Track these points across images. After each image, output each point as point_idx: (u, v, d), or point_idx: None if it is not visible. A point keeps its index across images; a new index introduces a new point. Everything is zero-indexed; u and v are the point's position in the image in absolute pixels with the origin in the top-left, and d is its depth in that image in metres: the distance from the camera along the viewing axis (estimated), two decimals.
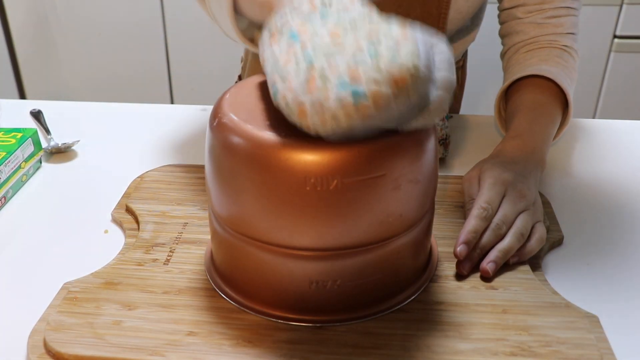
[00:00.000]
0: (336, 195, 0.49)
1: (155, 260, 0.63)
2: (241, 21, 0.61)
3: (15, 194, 0.78)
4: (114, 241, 0.68)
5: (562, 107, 0.80)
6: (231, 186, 0.53)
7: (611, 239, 0.68)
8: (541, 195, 0.74)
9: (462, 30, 0.92)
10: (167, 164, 0.81)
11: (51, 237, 0.70)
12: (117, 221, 0.71)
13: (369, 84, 0.44)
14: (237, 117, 0.52)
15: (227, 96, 0.56)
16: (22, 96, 2.17)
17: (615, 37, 1.84)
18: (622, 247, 0.67)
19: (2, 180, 0.74)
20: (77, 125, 0.94)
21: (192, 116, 0.98)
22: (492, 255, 0.60)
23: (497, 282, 0.60)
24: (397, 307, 0.56)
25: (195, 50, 2.06)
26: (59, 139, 0.89)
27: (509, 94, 0.83)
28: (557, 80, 0.79)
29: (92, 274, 0.61)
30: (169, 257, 0.63)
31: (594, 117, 1.97)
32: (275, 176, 0.49)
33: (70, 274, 0.62)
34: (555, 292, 0.59)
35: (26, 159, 0.80)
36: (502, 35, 0.88)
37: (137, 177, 0.78)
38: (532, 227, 0.63)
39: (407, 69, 0.44)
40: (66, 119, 0.96)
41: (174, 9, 2.01)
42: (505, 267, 0.61)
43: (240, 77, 1.16)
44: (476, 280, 0.60)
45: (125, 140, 0.90)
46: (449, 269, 0.61)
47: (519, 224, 0.62)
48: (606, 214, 0.73)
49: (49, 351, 0.53)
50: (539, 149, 0.74)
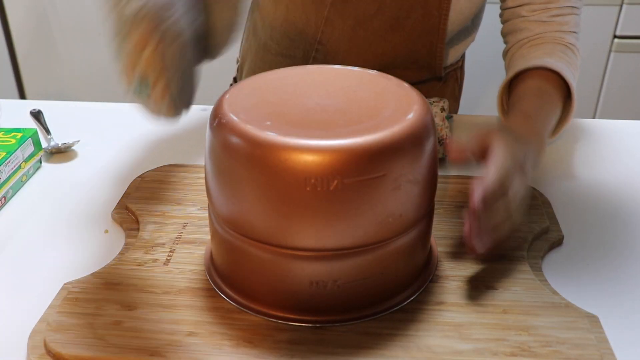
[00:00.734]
0: (336, 195, 0.49)
1: (155, 260, 0.63)
2: None
3: (15, 194, 0.78)
4: (114, 241, 0.68)
5: (563, 101, 0.80)
6: (231, 186, 0.53)
7: (611, 239, 0.68)
8: (541, 195, 0.74)
9: (463, 31, 0.92)
10: (167, 164, 0.81)
11: (51, 238, 0.70)
12: (117, 221, 0.71)
13: None
14: (237, 118, 0.52)
15: (227, 96, 0.56)
16: (22, 96, 2.17)
17: (615, 37, 1.84)
18: (622, 247, 0.67)
19: (2, 180, 0.74)
20: (77, 125, 0.94)
21: (192, 116, 0.98)
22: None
23: (497, 282, 0.60)
24: (397, 307, 0.56)
25: None
26: (59, 139, 0.89)
27: (512, 85, 0.82)
28: (562, 73, 0.78)
29: (92, 274, 0.61)
30: (169, 257, 0.63)
31: (594, 117, 1.97)
32: (275, 177, 0.50)
33: (70, 274, 0.62)
34: (555, 292, 0.59)
35: (26, 159, 0.80)
36: (505, 33, 0.88)
37: (137, 177, 0.78)
38: None
39: None
40: (66, 119, 0.96)
41: None
42: (504, 267, 0.61)
43: (235, 79, 1.15)
44: (476, 280, 0.60)
45: (125, 140, 0.90)
46: (449, 269, 0.61)
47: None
48: (606, 214, 0.73)
49: (49, 352, 0.53)
50: (543, 135, 0.72)
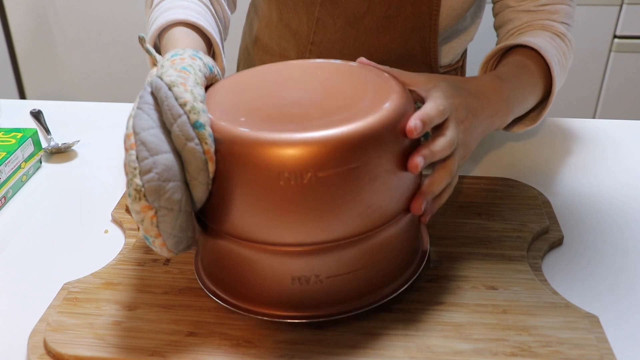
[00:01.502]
0: (311, 188, 0.49)
1: (155, 260, 0.63)
2: None
3: (15, 194, 0.78)
4: (114, 241, 0.68)
5: (544, 82, 0.76)
6: None
7: (611, 239, 0.68)
8: (541, 195, 0.74)
9: (459, 28, 0.92)
10: None
11: (51, 237, 0.70)
12: (117, 221, 0.71)
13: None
14: (212, 115, 0.53)
15: (206, 94, 0.57)
16: (22, 96, 2.17)
17: (615, 37, 1.84)
18: (622, 247, 0.67)
19: (2, 180, 0.74)
20: (77, 125, 0.94)
21: None
22: (423, 151, 0.54)
23: (497, 282, 0.60)
24: (384, 301, 0.56)
25: None
26: (59, 139, 0.89)
27: (493, 67, 0.81)
28: (541, 50, 0.74)
29: (92, 274, 0.61)
30: (169, 257, 0.63)
31: (594, 117, 1.97)
32: (249, 172, 0.50)
33: (70, 274, 0.62)
34: (555, 292, 0.59)
35: (26, 159, 0.80)
36: (497, 27, 0.87)
37: None
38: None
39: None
40: (66, 119, 0.96)
41: None
42: (504, 267, 0.61)
43: None
44: (476, 280, 0.60)
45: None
46: (449, 269, 0.61)
47: (454, 165, 0.57)
48: (606, 214, 0.73)
49: (49, 352, 0.53)
50: (508, 99, 0.68)
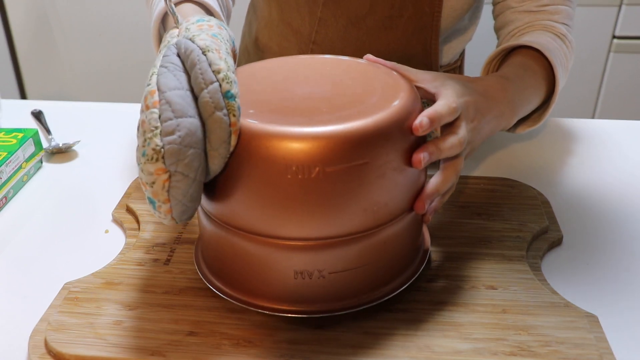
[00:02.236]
0: (318, 183, 0.49)
1: (155, 260, 0.63)
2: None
3: (16, 194, 0.78)
4: (115, 241, 0.68)
5: (547, 83, 0.76)
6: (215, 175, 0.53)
7: (611, 239, 0.68)
8: (540, 195, 0.74)
9: (458, 28, 0.92)
10: None
11: (52, 237, 0.70)
12: (117, 221, 0.71)
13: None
14: None
15: None
16: (23, 96, 2.17)
17: (614, 37, 1.84)
18: (622, 246, 0.67)
19: (3, 180, 0.75)
20: (77, 125, 0.95)
21: None
22: (430, 147, 0.54)
23: (497, 282, 0.60)
24: (385, 299, 0.56)
25: None
26: (59, 139, 0.90)
27: (495, 68, 0.81)
28: (544, 51, 0.75)
29: (92, 274, 0.61)
30: (169, 257, 0.63)
31: (593, 117, 1.97)
32: (256, 164, 0.49)
33: (71, 274, 0.62)
34: (554, 292, 0.59)
35: (27, 159, 0.80)
36: (497, 28, 0.88)
37: (138, 177, 0.78)
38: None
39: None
40: (67, 119, 0.96)
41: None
42: (504, 266, 0.61)
43: None
44: (476, 280, 0.60)
45: (125, 140, 0.91)
46: (449, 268, 0.62)
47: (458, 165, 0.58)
48: (606, 214, 0.73)
49: (50, 351, 0.53)
50: (516, 104, 0.69)
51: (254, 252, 0.53)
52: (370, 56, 0.63)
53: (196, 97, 0.50)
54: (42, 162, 0.84)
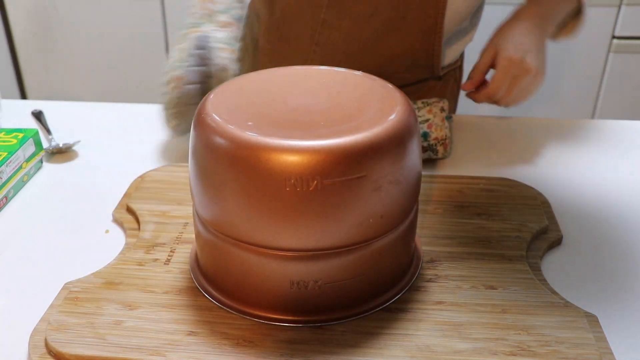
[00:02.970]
0: (316, 196, 0.49)
1: (156, 260, 0.63)
2: None
3: (16, 194, 0.78)
4: (115, 241, 0.68)
5: None
6: (213, 186, 0.53)
7: (610, 239, 0.68)
8: (540, 195, 0.74)
9: (460, 30, 0.92)
10: (167, 164, 0.81)
11: (52, 237, 0.70)
12: (117, 221, 0.71)
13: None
14: (220, 118, 0.53)
15: (212, 97, 0.57)
16: (24, 96, 2.17)
17: (614, 37, 1.84)
18: (622, 246, 0.67)
19: (3, 180, 0.75)
20: (78, 125, 0.95)
21: None
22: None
23: (497, 281, 0.60)
24: (379, 308, 0.56)
25: None
26: (60, 139, 0.90)
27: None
28: None
29: (93, 273, 0.61)
30: (169, 257, 0.63)
31: (592, 118, 1.97)
32: (255, 177, 0.50)
33: (71, 274, 0.62)
34: (554, 292, 0.59)
35: (27, 159, 0.80)
36: None
37: (138, 177, 0.78)
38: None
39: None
40: (67, 119, 0.96)
41: (174, 10, 2.01)
42: (504, 266, 0.61)
43: None
44: (475, 279, 0.60)
45: (125, 140, 0.91)
46: (449, 268, 0.62)
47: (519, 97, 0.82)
48: (605, 214, 0.73)
49: (50, 351, 0.53)
50: (553, 19, 0.85)
51: (251, 262, 0.54)
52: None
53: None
54: (42, 162, 0.84)
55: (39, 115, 0.96)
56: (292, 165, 0.49)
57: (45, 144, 0.88)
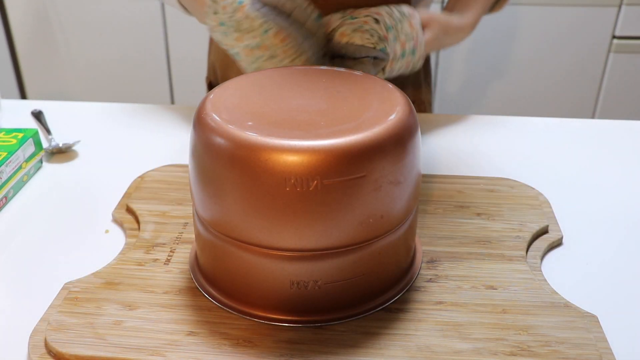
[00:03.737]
0: (316, 196, 0.49)
1: (155, 260, 0.63)
2: None
3: (16, 194, 0.78)
4: (115, 241, 0.68)
5: None
6: (212, 186, 0.53)
7: (610, 239, 0.68)
8: (540, 195, 0.74)
9: None
10: (167, 164, 0.81)
11: (52, 237, 0.70)
12: (117, 221, 0.71)
13: None
14: (219, 117, 0.53)
15: (211, 96, 0.57)
16: (23, 96, 2.18)
17: (614, 37, 1.84)
18: (622, 247, 0.67)
19: (3, 180, 0.75)
20: (77, 125, 0.95)
21: (192, 116, 0.98)
22: None
23: (497, 281, 0.60)
24: (379, 308, 0.56)
25: (195, 50, 2.06)
26: (59, 139, 0.90)
27: None
28: None
29: (92, 274, 0.61)
30: (169, 257, 0.63)
31: (593, 117, 1.97)
32: (255, 176, 0.50)
33: (71, 274, 0.62)
34: (554, 292, 0.59)
35: (27, 159, 0.80)
36: None
37: (138, 177, 0.78)
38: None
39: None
40: (67, 119, 0.96)
41: (174, 10, 2.01)
42: (504, 266, 0.61)
43: (208, 79, 1.12)
44: (476, 280, 0.60)
45: (125, 140, 0.91)
46: (449, 268, 0.62)
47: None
48: (605, 214, 0.73)
49: (50, 351, 0.53)
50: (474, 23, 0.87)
51: (251, 262, 0.54)
52: None
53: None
54: (42, 162, 0.84)
55: (38, 115, 0.96)
56: (292, 165, 0.49)
57: (45, 144, 0.88)
